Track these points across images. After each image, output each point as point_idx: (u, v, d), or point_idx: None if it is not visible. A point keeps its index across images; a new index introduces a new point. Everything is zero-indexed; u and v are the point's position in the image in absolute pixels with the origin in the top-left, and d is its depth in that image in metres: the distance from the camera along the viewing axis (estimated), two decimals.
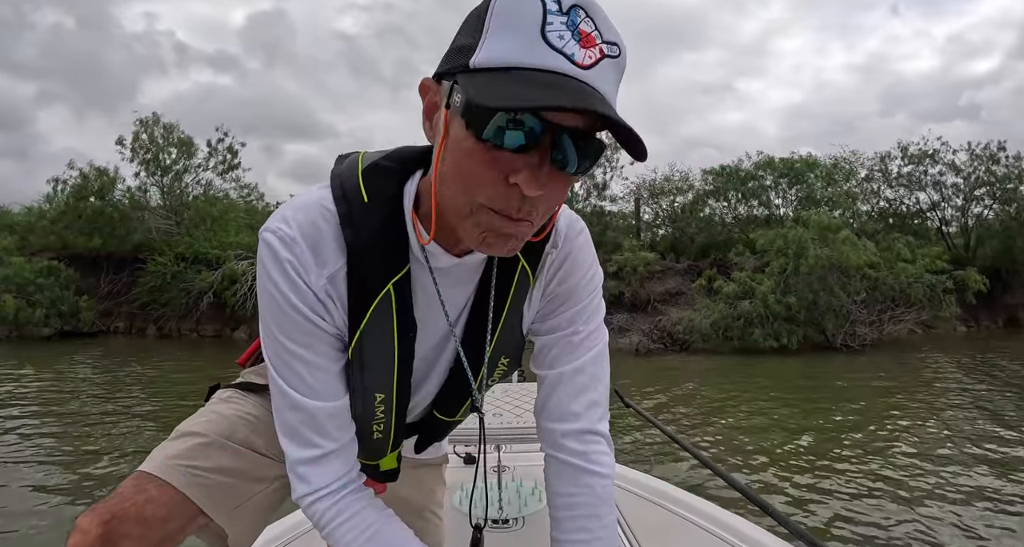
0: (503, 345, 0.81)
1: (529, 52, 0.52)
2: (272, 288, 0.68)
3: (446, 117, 0.58)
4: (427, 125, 0.63)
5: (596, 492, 0.79)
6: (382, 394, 0.76)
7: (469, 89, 0.53)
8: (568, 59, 0.52)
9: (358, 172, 0.70)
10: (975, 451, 4.98)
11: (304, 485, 0.73)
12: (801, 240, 12.94)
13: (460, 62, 0.55)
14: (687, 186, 19.38)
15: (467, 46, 0.55)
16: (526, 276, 0.77)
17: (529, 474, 1.76)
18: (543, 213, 0.61)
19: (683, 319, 13.32)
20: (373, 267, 0.69)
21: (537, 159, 0.55)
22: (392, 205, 0.69)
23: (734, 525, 1.43)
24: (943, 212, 18.89)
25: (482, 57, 0.53)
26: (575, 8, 0.53)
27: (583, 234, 0.80)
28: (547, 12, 0.52)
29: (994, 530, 3.42)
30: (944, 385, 8.32)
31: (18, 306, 14.75)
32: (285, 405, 0.72)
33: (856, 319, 12.76)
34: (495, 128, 0.53)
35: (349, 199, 0.68)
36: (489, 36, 0.53)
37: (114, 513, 0.73)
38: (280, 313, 0.68)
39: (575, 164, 0.56)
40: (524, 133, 0.53)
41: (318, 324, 0.69)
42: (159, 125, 17.93)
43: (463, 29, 0.57)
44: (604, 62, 0.54)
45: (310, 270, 0.67)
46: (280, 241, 0.67)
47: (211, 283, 15.47)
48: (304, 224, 0.67)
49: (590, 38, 0.54)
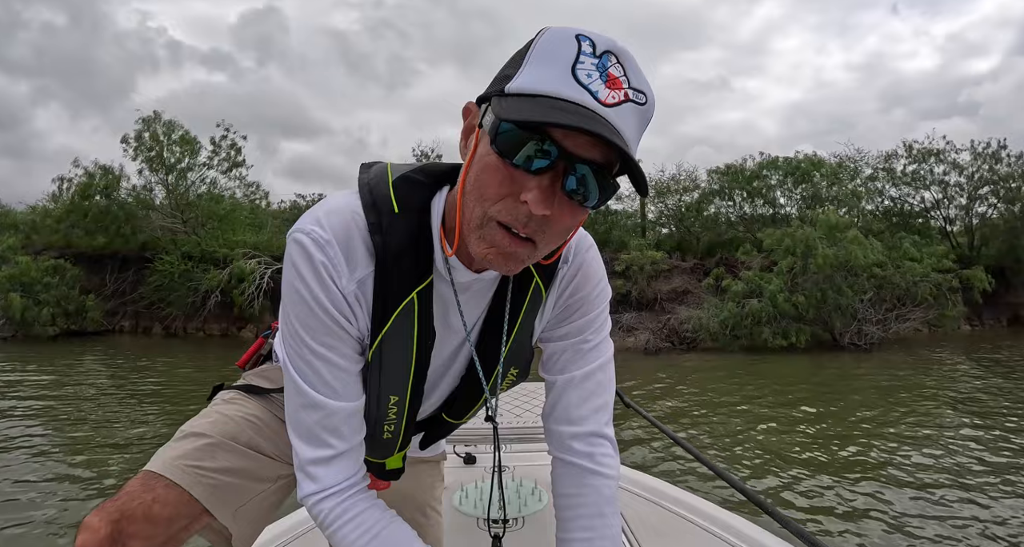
0: (514, 357, 0.85)
1: (557, 84, 0.57)
2: (303, 288, 0.69)
3: (477, 135, 0.63)
4: (463, 144, 0.67)
5: (601, 492, 0.82)
6: (396, 396, 0.78)
7: (497, 108, 0.58)
8: (592, 95, 0.57)
9: (388, 183, 0.72)
10: (983, 452, 4.98)
11: (313, 484, 0.74)
12: (809, 239, 12.98)
13: (498, 88, 0.61)
14: (693, 185, 19.41)
15: (507, 76, 0.61)
16: (539, 292, 0.80)
17: (529, 474, 1.75)
18: (550, 238, 0.64)
19: (692, 318, 13.34)
20: (399, 275, 0.71)
21: (549, 182, 0.59)
22: (420, 217, 0.72)
23: (734, 525, 1.43)
24: (947, 211, 18.94)
25: (515, 84, 0.59)
26: (607, 54, 0.59)
27: (592, 249, 0.84)
28: (581, 53, 0.58)
29: (999, 532, 3.40)
30: (952, 384, 8.35)
31: (24, 305, 14.68)
32: (302, 404, 0.73)
33: (863, 318, 12.80)
34: (517, 148, 0.58)
35: (379, 208, 0.70)
36: (526, 68, 0.59)
37: (122, 512, 0.74)
38: (309, 314, 0.70)
39: (586, 198, 0.61)
40: (540, 155, 0.58)
41: (344, 326, 0.71)
42: (161, 122, 17.83)
43: (508, 63, 0.63)
44: (628, 105, 0.59)
45: (342, 273, 0.69)
46: (314, 243, 0.68)
47: (219, 282, 15.43)
48: (338, 228, 0.69)
49: (617, 82, 0.58)
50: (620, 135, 0.57)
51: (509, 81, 0.59)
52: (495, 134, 0.58)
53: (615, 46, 0.59)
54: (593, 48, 0.58)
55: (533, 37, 0.61)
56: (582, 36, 0.58)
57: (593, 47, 0.58)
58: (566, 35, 0.59)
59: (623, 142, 0.56)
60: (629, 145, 0.58)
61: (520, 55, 0.61)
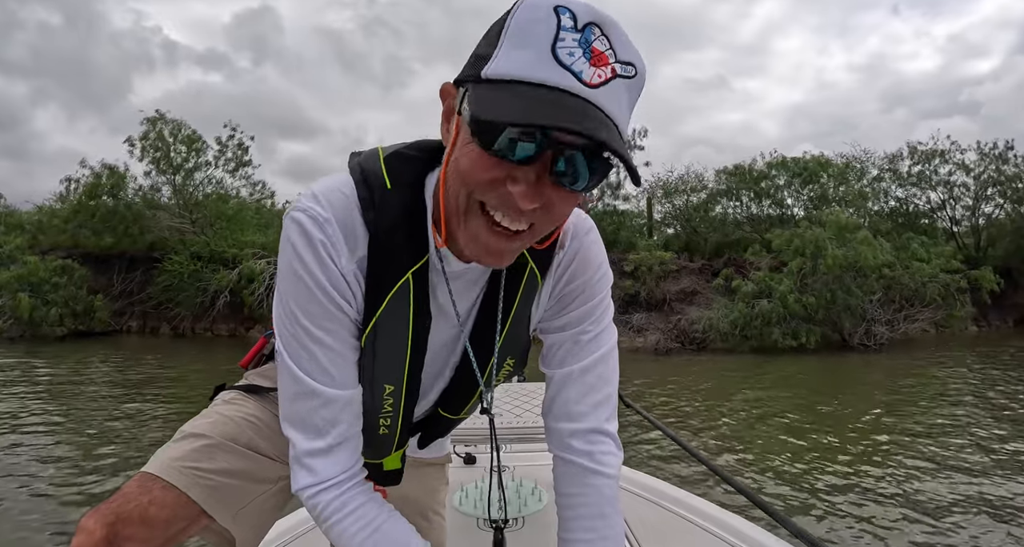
0: (509, 345, 0.81)
1: (537, 67, 0.53)
2: (301, 269, 0.66)
3: (458, 122, 0.59)
4: (445, 128, 0.64)
5: (602, 492, 0.80)
6: (391, 386, 0.75)
7: (474, 99, 0.55)
8: (575, 76, 0.53)
9: (380, 159, 0.69)
10: (989, 454, 4.95)
11: (309, 476, 0.72)
12: (818, 240, 13.00)
13: (474, 71, 0.56)
14: (700, 186, 19.42)
15: (483, 56, 0.56)
16: (534, 278, 0.77)
17: (529, 474, 1.74)
18: (544, 224, 0.61)
19: (702, 318, 13.36)
20: (394, 254, 0.68)
21: (535, 173, 0.56)
22: (413, 192, 0.69)
23: (734, 525, 1.43)
24: (953, 211, 18.97)
25: (493, 69, 0.55)
26: (590, 26, 0.54)
27: (591, 233, 0.79)
28: (560, 28, 0.53)
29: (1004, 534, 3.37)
30: (965, 385, 8.36)
31: (33, 305, 14.67)
32: (297, 393, 0.70)
33: (872, 318, 12.82)
34: (499, 139, 0.54)
35: (371, 184, 0.67)
36: (503, 48, 0.55)
37: (118, 514, 0.72)
38: (307, 295, 0.67)
39: (576, 181, 0.57)
40: (525, 147, 0.54)
41: (343, 308, 0.69)
42: (166, 122, 17.81)
43: (484, 39, 0.58)
44: (615, 82, 0.54)
45: (341, 253, 0.66)
46: (312, 220, 0.65)
47: (229, 282, 15.43)
48: (337, 205, 0.66)
49: (602, 57, 0.54)
50: (607, 121, 0.54)
51: (485, 63, 0.55)
52: (474, 126, 0.55)
53: (598, 15, 0.54)
54: (574, 20, 0.53)
55: (509, 8, 0.56)
56: (561, 7, 0.53)
57: (574, 19, 0.53)
58: (543, 7, 0.54)
59: (608, 131, 0.53)
60: (619, 123, 0.55)
61: (496, 31, 0.56)
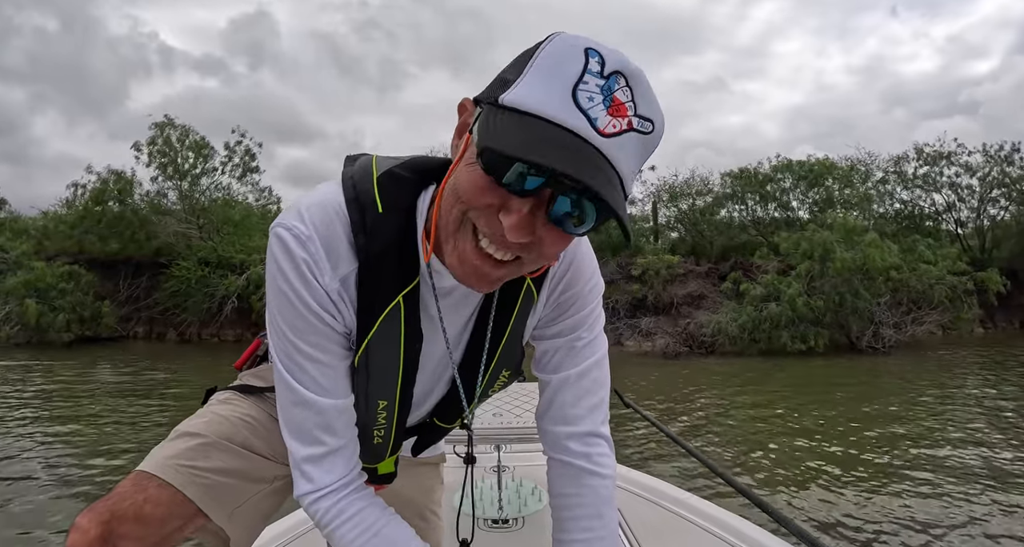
0: (505, 360, 0.82)
1: (554, 105, 0.52)
2: (286, 287, 0.67)
3: (467, 139, 0.59)
4: (455, 141, 0.64)
5: (598, 493, 0.81)
6: (384, 401, 0.76)
7: (485, 123, 0.55)
8: (590, 122, 0.52)
9: (373, 179, 0.69)
10: (995, 455, 4.94)
11: (308, 483, 0.73)
12: (826, 243, 13.01)
13: (494, 94, 0.56)
14: (706, 189, 19.43)
15: (507, 80, 0.56)
16: (531, 295, 0.77)
17: (529, 474, 1.73)
18: (532, 261, 0.61)
19: (711, 322, 13.36)
20: (384, 277, 0.69)
21: (530, 207, 0.55)
22: (406, 217, 0.69)
23: (734, 525, 1.43)
24: (959, 213, 18.99)
25: (511, 96, 0.54)
26: (616, 75, 0.53)
27: (583, 243, 0.80)
28: (587, 71, 0.52)
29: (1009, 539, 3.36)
30: (967, 385, 8.37)
31: (40, 311, 14.66)
32: (293, 402, 0.72)
33: (880, 321, 12.83)
34: (503, 168, 0.53)
35: (363, 205, 0.67)
36: (526, 78, 0.54)
37: (113, 512, 0.72)
38: (293, 312, 0.68)
39: (570, 225, 0.57)
40: (527, 177, 0.53)
41: (330, 324, 0.70)
42: (174, 127, 17.83)
43: (512, 63, 0.58)
44: (629, 135, 0.54)
45: (324, 271, 0.67)
46: (295, 239, 0.66)
47: (237, 288, 15.41)
48: (319, 224, 0.67)
49: (622, 108, 0.53)
50: (612, 172, 0.53)
51: (507, 88, 0.55)
52: (481, 149, 0.54)
53: (627, 66, 0.54)
54: (602, 66, 0.53)
55: (541, 41, 0.56)
56: (592, 50, 0.53)
57: (602, 65, 0.53)
58: (575, 46, 0.54)
59: (610, 184, 0.52)
60: (623, 177, 0.55)
61: (524, 59, 0.56)
